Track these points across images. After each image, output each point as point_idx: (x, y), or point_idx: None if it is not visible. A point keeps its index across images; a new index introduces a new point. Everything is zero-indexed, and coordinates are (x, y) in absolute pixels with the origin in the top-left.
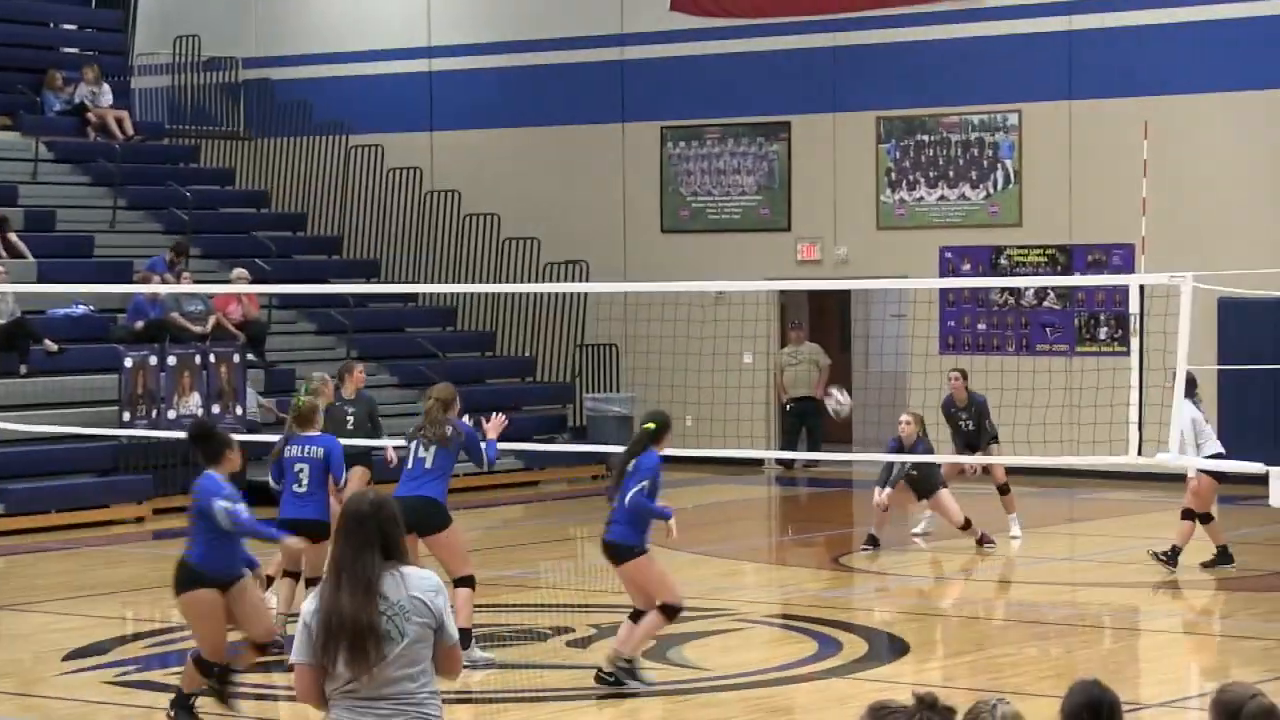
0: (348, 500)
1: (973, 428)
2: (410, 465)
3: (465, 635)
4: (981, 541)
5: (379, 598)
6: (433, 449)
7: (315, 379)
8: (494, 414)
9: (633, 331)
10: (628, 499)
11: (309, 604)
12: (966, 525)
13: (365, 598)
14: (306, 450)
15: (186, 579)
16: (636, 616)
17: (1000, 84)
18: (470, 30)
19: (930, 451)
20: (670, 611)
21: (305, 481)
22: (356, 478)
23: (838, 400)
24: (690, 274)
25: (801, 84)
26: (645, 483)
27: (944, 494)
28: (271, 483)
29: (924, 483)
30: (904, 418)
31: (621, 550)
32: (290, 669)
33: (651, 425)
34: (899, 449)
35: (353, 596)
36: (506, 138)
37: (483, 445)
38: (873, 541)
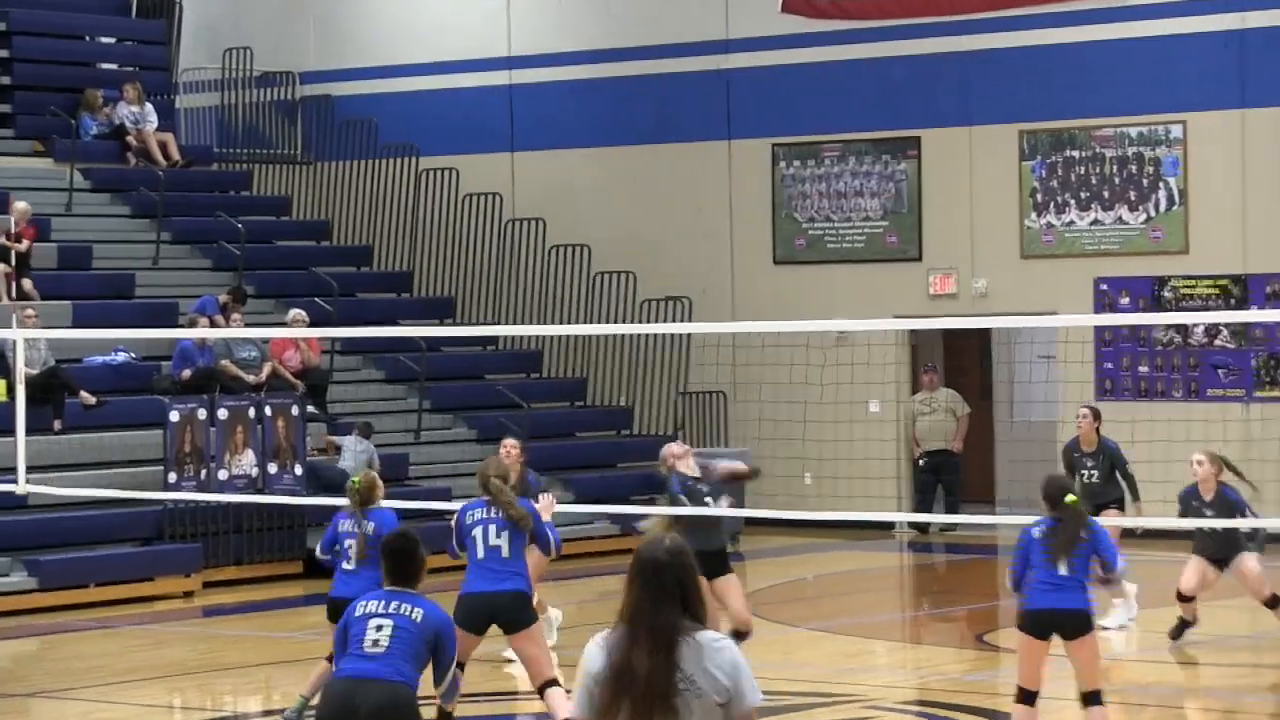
0: (642, 546)
1: (1098, 480)
2: (482, 554)
3: None
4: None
5: (677, 668)
6: (506, 533)
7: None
8: (542, 494)
9: (742, 377)
10: (1120, 567)
11: (595, 659)
12: (1274, 603)
13: (666, 658)
14: (364, 525)
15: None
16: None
17: (1162, 91)
18: (555, 38)
19: (1239, 501)
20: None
21: (354, 557)
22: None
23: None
24: (807, 311)
25: (932, 94)
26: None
27: (1248, 557)
28: (319, 553)
29: (1226, 542)
30: (1196, 458)
31: (1088, 620)
32: None
33: (1075, 496)
34: (1194, 496)
35: (652, 655)
36: (597, 158)
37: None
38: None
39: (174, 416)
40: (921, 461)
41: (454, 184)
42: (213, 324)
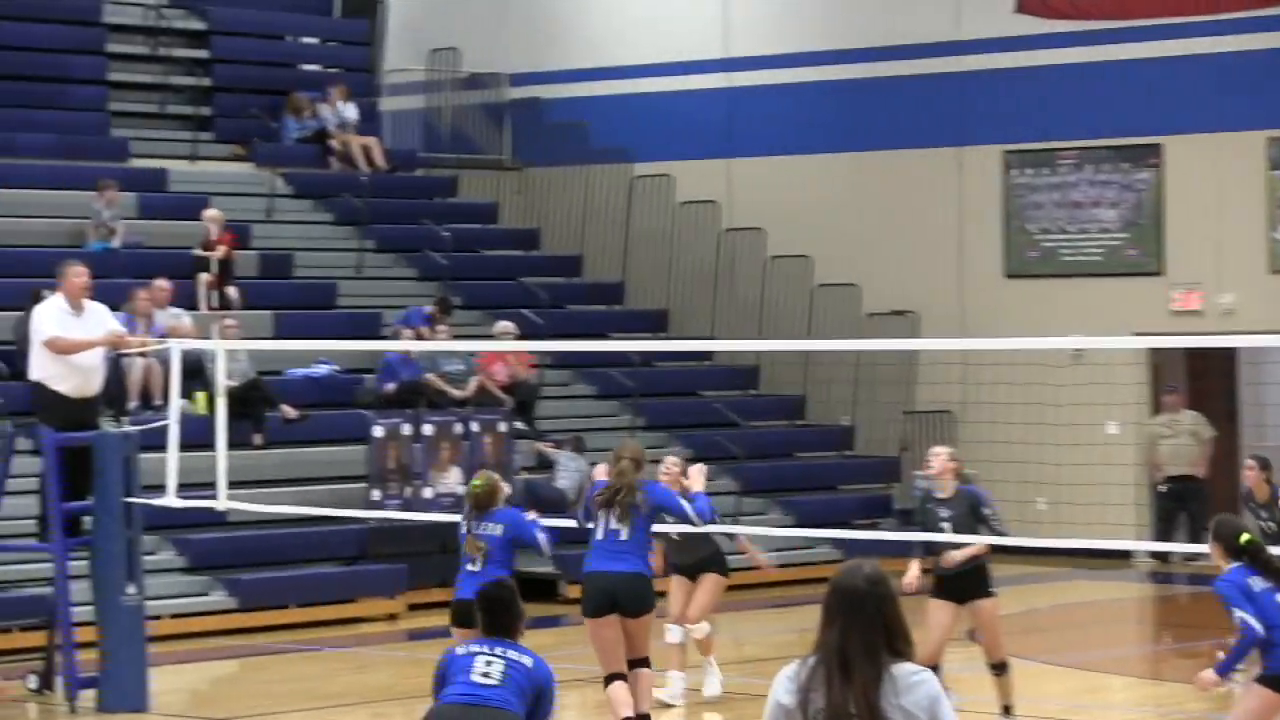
0: (839, 574)
1: (1276, 529)
2: (601, 535)
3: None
4: None
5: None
6: (628, 516)
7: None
8: (691, 466)
9: (971, 396)
10: None
11: (786, 693)
12: None
13: (879, 697)
14: (485, 528)
15: None
16: None
17: None
18: (776, 39)
19: None
20: None
21: (479, 560)
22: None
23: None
24: (1040, 327)
25: (1175, 98)
26: None
27: None
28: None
29: None
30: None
31: None
32: None
33: (1251, 535)
34: None
35: (865, 696)
36: (819, 165)
37: (686, 505)
38: None
39: (378, 432)
40: (1163, 487)
41: (668, 191)
42: (418, 336)
